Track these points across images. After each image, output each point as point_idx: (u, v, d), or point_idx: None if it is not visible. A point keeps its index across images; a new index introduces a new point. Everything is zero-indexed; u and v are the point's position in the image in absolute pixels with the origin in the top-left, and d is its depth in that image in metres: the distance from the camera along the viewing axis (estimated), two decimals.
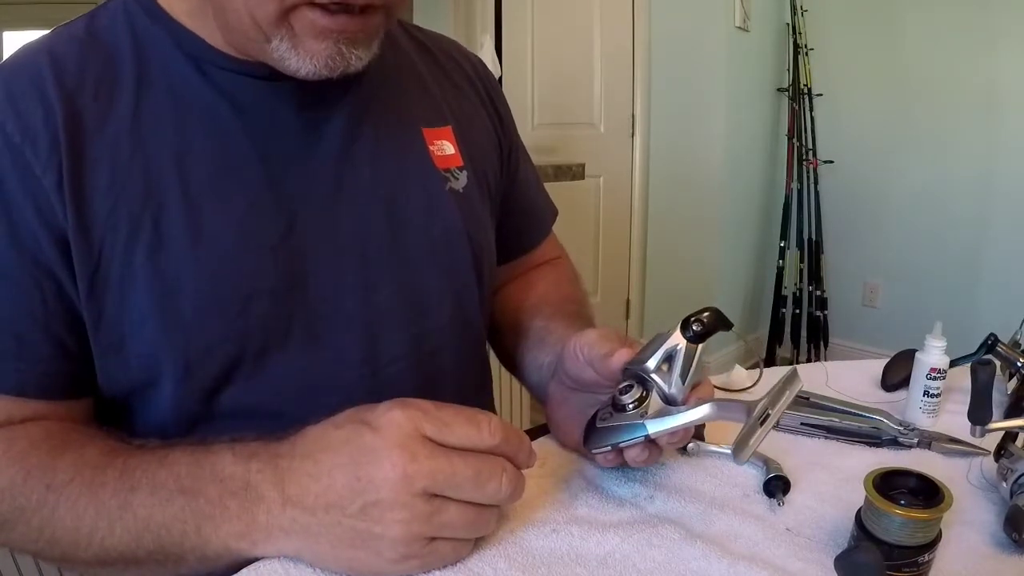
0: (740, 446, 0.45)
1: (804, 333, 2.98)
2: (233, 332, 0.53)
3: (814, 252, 2.90)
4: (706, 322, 0.50)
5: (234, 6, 0.47)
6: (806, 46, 2.80)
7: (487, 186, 0.70)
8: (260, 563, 0.43)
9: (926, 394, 0.70)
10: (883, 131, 2.78)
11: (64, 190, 0.48)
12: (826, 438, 0.66)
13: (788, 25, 2.83)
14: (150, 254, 0.50)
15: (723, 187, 2.81)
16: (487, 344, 0.75)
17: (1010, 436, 0.58)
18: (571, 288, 0.80)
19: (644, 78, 2.88)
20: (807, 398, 0.71)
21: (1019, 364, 0.74)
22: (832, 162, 2.87)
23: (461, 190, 0.65)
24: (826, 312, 2.93)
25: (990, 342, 0.76)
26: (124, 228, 0.50)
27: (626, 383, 0.51)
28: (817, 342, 2.94)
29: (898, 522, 0.43)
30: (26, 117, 0.48)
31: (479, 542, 0.46)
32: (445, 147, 0.65)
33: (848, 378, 0.81)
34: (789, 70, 2.85)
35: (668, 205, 2.96)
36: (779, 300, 2.98)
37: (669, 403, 0.50)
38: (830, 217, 2.90)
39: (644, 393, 0.50)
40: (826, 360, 1.13)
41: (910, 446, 0.65)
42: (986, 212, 2.60)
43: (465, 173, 0.66)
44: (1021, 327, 0.82)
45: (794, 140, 2.85)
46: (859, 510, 0.46)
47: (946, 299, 2.68)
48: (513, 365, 0.73)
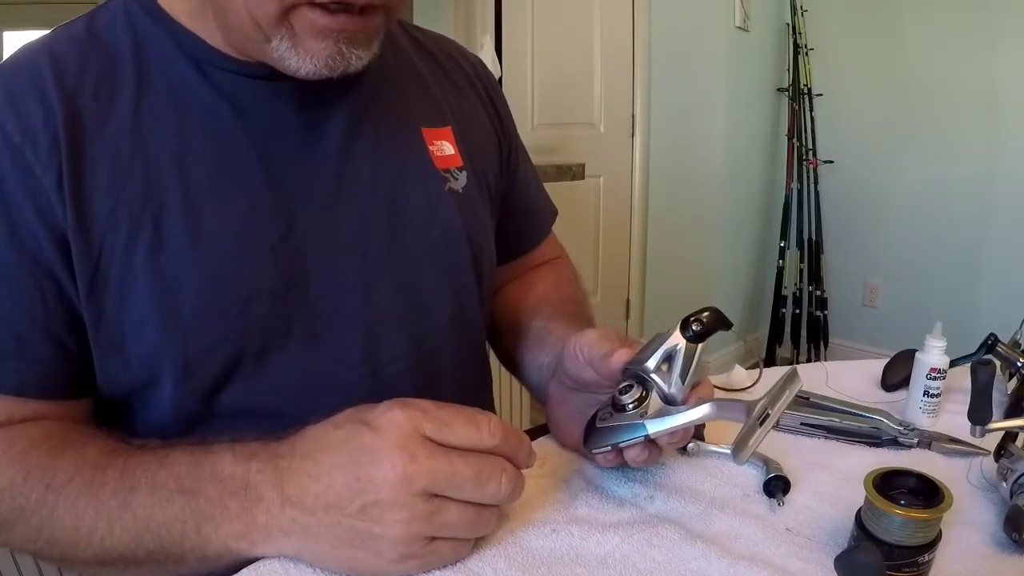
0: (740, 446, 0.45)
1: (804, 333, 2.98)
2: (233, 332, 0.53)
3: (814, 252, 2.90)
4: (706, 322, 0.50)
5: (234, 6, 0.47)
6: (806, 46, 2.80)
7: (487, 186, 0.70)
8: (260, 563, 0.43)
9: (926, 394, 0.70)
10: (883, 131, 2.78)
11: (64, 190, 0.48)
12: (826, 438, 0.66)
13: (788, 25, 2.83)
14: (150, 254, 0.50)
15: (723, 187, 2.81)
16: (487, 344, 0.75)
17: (1010, 436, 0.58)
18: (571, 288, 0.80)
19: (644, 78, 2.88)
20: (807, 398, 0.71)
21: (1019, 364, 0.74)
22: (832, 162, 2.87)
23: (461, 190, 0.65)
24: (826, 312, 2.93)
25: (990, 342, 0.76)
26: (124, 228, 0.50)
27: (626, 383, 0.51)
28: (817, 342, 2.94)
29: (898, 522, 0.43)
30: (26, 117, 0.48)
31: (479, 542, 0.46)
32: (445, 147, 0.65)
33: (848, 378, 0.81)
34: (789, 70, 2.85)
35: (668, 205, 2.96)
36: (779, 300, 2.98)
37: (669, 403, 0.50)
38: (830, 217, 2.90)
39: (644, 393, 0.50)
40: (826, 360, 1.13)
41: (910, 446, 0.65)
42: (986, 212, 2.60)
43: (465, 173, 0.66)
44: (1021, 327, 0.82)
45: (794, 140, 2.85)
46: (859, 510, 0.46)
47: (946, 299, 2.68)
48: (513, 365, 0.73)
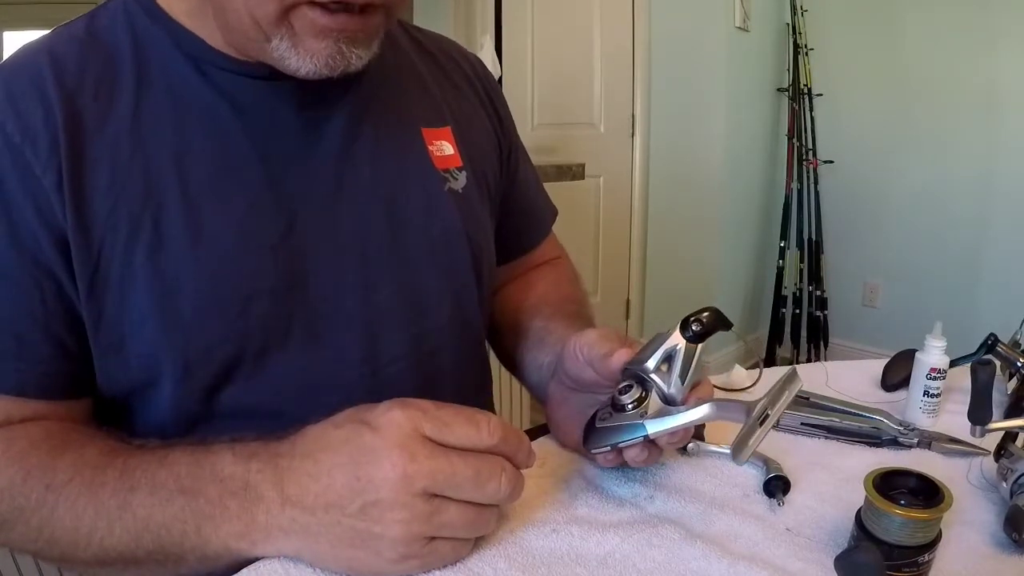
0: (739, 447, 0.45)
1: (804, 333, 2.98)
2: (233, 332, 0.53)
3: (814, 252, 2.90)
4: (705, 322, 0.50)
5: (234, 6, 0.47)
6: (806, 46, 2.80)
7: (486, 186, 0.70)
8: (260, 563, 0.43)
9: (926, 394, 0.70)
10: (883, 131, 2.78)
11: (64, 190, 0.48)
12: (826, 438, 0.66)
13: (788, 25, 2.83)
14: (150, 254, 0.50)
15: (723, 187, 2.81)
16: (487, 344, 0.75)
17: (1010, 436, 0.58)
18: (571, 288, 0.80)
19: (644, 78, 2.88)
20: (807, 398, 0.71)
21: (1019, 364, 0.74)
22: (832, 162, 2.87)
23: (460, 190, 0.65)
24: (826, 312, 2.93)
25: (990, 342, 0.76)
26: (124, 228, 0.50)
27: (625, 383, 0.51)
28: (817, 342, 2.94)
29: (898, 522, 0.43)
30: (26, 117, 0.48)
31: (479, 542, 0.46)
32: (444, 147, 0.65)
33: (848, 378, 0.81)
34: (789, 70, 2.85)
35: (668, 205, 2.96)
36: (779, 300, 2.98)
37: (668, 403, 0.50)
38: (830, 217, 2.90)
39: (643, 393, 0.50)
40: (826, 360, 1.13)
41: (910, 446, 0.65)
42: (986, 212, 2.60)
43: (464, 173, 0.66)
44: (1021, 327, 0.82)
45: (794, 140, 2.85)
46: (859, 510, 0.46)
47: (946, 299, 2.68)
48: (513, 365, 0.73)
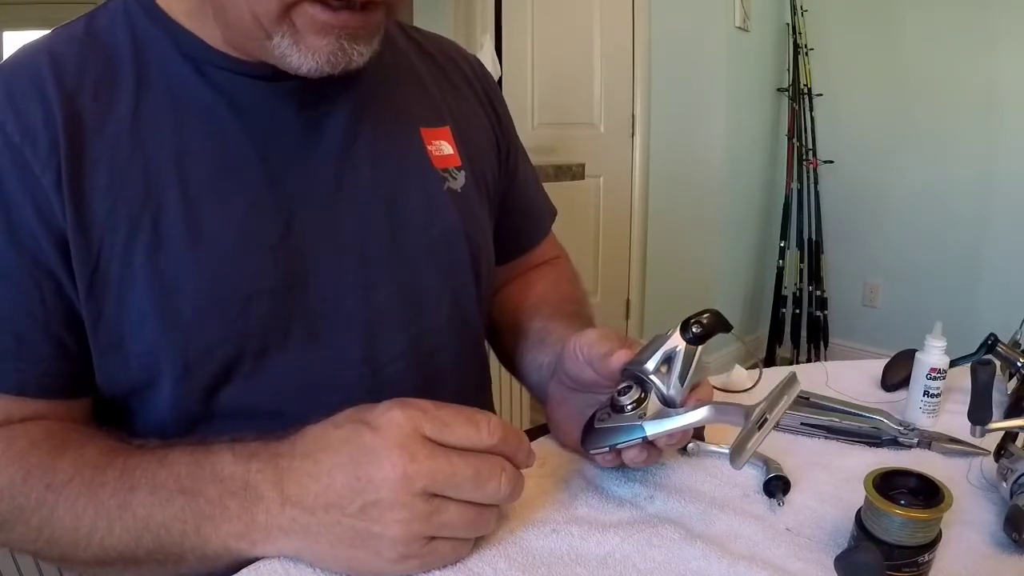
0: (737, 450, 0.45)
1: (804, 333, 2.98)
2: (233, 332, 0.53)
3: (814, 252, 2.90)
4: (706, 324, 0.50)
5: (235, 4, 0.47)
6: (806, 46, 2.80)
7: (485, 186, 0.70)
8: (260, 563, 0.43)
9: (926, 394, 0.70)
10: (883, 131, 2.78)
11: (63, 190, 0.48)
12: (826, 438, 0.66)
13: (788, 25, 2.83)
14: (149, 254, 0.50)
15: (723, 187, 2.81)
16: (486, 344, 0.75)
17: (1010, 436, 0.58)
18: (570, 288, 0.80)
19: (644, 78, 2.88)
20: (807, 398, 0.71)
21: (1019, 364, 0.74)
22: (832, 162, 2.87)
23: (459, 190, 0.65)
24: (826, 312, 2.93)
25: (990, 342, 0.76)
26: (123, 228, 0.50)
27: (625, 384, 0.51)
28: (817, 342, 2.94)
29: (898, 522, 0.43)
30: (26, 117, 0.48)
31: (479, 542, 0.46)
32: (443, 147, 0.65)
33: (848, 378, 0.81)
34: (789, 70, 2.85)
35: (668, 205, 2.96)
36: (779, 300, 2.98)
37: (668, 405, 0.50)
38: (830, 217, 2.90)
39: (643, 394, 0.50)
40: (826, 360, 1.13)
41: (910, 446, 0.65)
42: (986, 212, 2.60)
43: (463, 173, 0.66)
44: (1021, 327, 0.82)
45: (794, 140, 2.85)
46: (859, 510, 0.46)
47: (946, 299, 2.68)
48: (513, 365, 0.73)
